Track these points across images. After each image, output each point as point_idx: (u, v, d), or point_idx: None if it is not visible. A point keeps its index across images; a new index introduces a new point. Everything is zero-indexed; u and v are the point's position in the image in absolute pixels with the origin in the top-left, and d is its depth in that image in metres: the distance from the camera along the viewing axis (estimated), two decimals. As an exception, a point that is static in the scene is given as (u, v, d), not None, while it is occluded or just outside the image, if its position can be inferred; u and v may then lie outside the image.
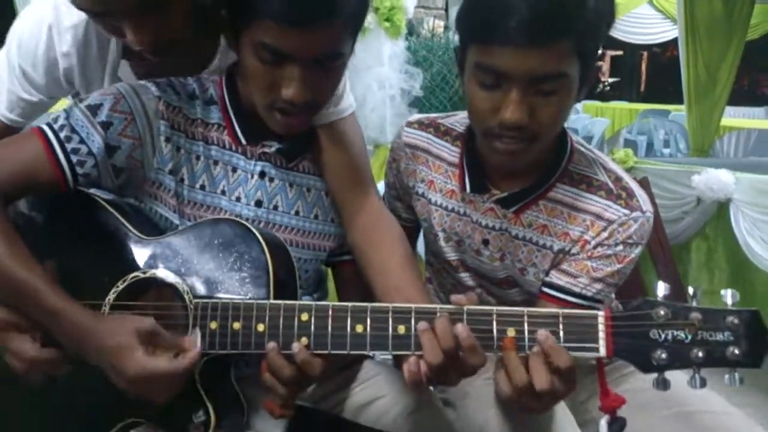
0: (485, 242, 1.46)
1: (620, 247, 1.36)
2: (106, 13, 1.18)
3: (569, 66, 1.21)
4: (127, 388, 1.11)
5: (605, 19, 1.24)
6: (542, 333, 1.06)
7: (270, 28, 1.16)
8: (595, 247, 1.37)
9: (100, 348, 1.10)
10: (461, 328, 1.06)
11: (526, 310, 1.08)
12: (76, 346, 1.13)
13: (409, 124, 1.56)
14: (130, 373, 1.08)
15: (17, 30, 1.40)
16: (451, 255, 1.53)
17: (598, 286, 1.37)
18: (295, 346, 1.12)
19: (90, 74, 1.41)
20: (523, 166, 1.38)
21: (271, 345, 1.12)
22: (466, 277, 1.54)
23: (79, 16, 1.35)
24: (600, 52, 1.44)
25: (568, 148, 1.42)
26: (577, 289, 1.37)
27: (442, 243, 1.52)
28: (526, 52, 1.17)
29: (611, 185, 1.39)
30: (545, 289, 1.41)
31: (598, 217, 1.38)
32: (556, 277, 1.40)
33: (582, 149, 1.45)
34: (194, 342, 1.13)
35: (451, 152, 1.50)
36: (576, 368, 1.07)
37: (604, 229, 1.37)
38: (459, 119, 1.53)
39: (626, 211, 1.36)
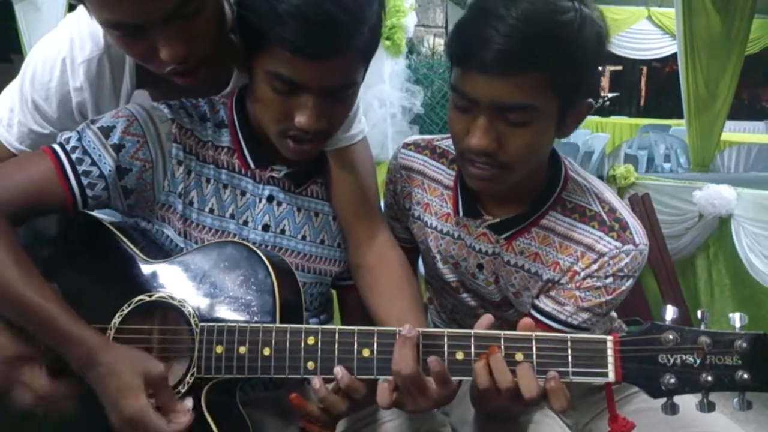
0: (479, 266, 1.46)
1: (610, 280, 1.34)
2: (140, 26, 1.17)
3: (538, 98, 1.19)
4: (117, 424, 1.10)
5: (586, 56, 1.21)
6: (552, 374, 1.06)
7: (284, 58, 1.16)
8: (584, 278, 1.36)
9: (105, 378, 1.10)
10: (433, 361, 1.07)
11: (534, 334, 1.08)
12: (82, 371, 1.12)
13: (406, 146, 1.56)
14: (128, 412, 1.08)
15: (31, 62, 1.40)
16: (450, 277, 1.53)
17: (585, 315, 1.36)
18: (338, 371, 1.11)
19: (103, 108, 1.40)
20: (513, 192, 1.37)
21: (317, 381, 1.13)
22: (467, 297, 1.54)
23: (92, 51, 1.35)
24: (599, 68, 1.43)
25: (562, 176, 1.41)
26: (562, 317, 1.36)
27: (440, 265, 1.52)
28: (493, 80, 1.18)
29: (604, 216, 1.37)
30: (533, 312, 1.41)
31: (589, 248, 1.36)
32: (543, 303, 1.39)
33: (577, 177, 1.43)
34: (187, 409, 1.12)
35: (446, 175, 1.49)
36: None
37: (595, 261, 1.35)
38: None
39: (618, 244, 1.34)
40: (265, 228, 1.38)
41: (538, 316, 1.39)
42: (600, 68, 1.27)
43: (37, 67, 1.39)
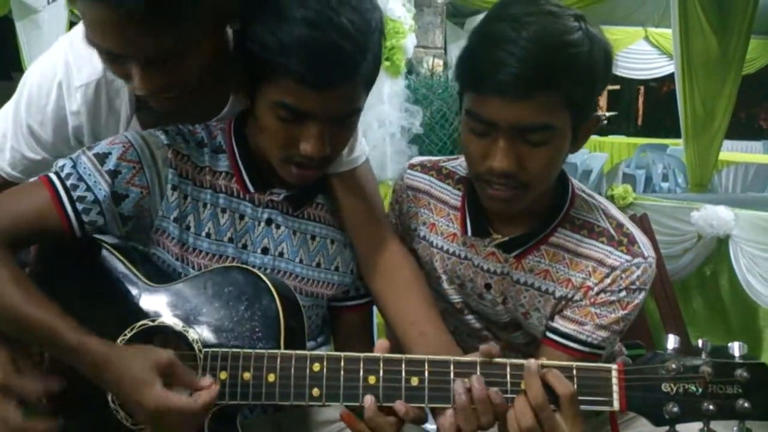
0: (487, 286, 1.46)
1: (623, 293, 1.36)
2: (118, 55, 1.17)
3: (556, 118, 1.23)
4: (145, 421, 1.13)
5: (597, 72, 1.25)
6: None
7: (289, 88, 1.18)
8: (598, 294, 1.37)
9: (119, 380, 1.11)
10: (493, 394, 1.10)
11: (540, 362, 1.10)
12: (96, 378, 1.14)
13: (412, 167, 1.56)
14: (150, 407, 1.09)
15: (26, 86, 1.40)
16: (455, 297, 1.52)
17: (604, 333, 1.37)
18: (398, 405, 1.12)
19: (100, 132, 1.39)
20: (522, 211, 1.38)
21: (369, 399, 1.12)
22: (471, 319, 1.54)
23: (89, 75, 1.35)
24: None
25: (569, 194, 1.43)
26: (582, 337, 1.37)
27: (445, 285, 1.52)
28: (512, 103, 1.19)
29: (612, 231, 1.39)
30: (550, 335, 1.40)
31: (600, 263, 1.37)
32: (561, 324, 1.39)
33: (583, 195, 1.45)
34: (209, 384, 1.13)
35: (453, 196, 1.50)
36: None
37: (607, 275, 1.36)
38: (461, 162, 1.53)
39: (628, 257, 1.36)
40: (264, 251, 1.38)
41: (557, 338, 1.39)
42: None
43: (33, 91, 1.39)
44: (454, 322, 1.60)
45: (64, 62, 1.37)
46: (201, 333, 1.19)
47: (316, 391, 1.12)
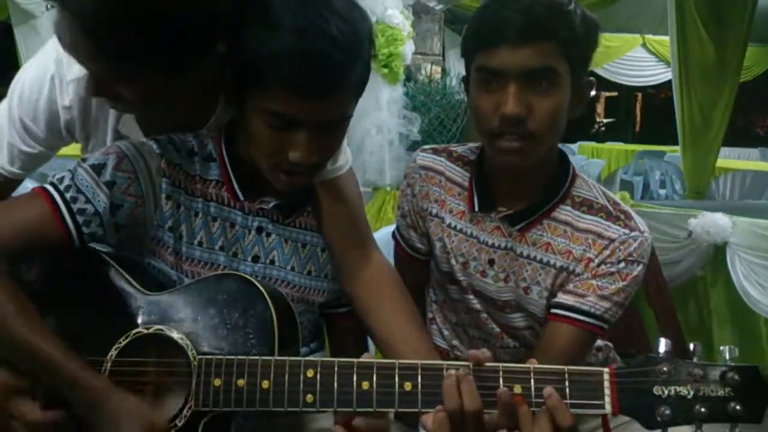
0: (490, 262, 1.51)
1: (622, 265, 1.43)
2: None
3: (558, 63, 1.35)
4: None
5: (589, 32, 1.40)
6: (548, 389, 1.08)
7: (281, 96, 1.18)
8: (598, 266, 1.44)
9: (109, 425, 1.10)
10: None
11: (532, 366, 1.11)
12: (86, 415, 1.12)
13: (424, 150, 1.65)
14: None
15: (19, 82, 1.41)
16: (461, 277, 1.56)
17: (605, 304, 1.41)
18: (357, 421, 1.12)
19: (90, 127, 1.41)
20: (526, 185, 1.47)
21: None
22: (473, 300, 1.56)
23: (80, 70, 1.35)
24: (594, 93, 1.56)
25: (570, 173, 1.51)
26: (585, 308, 1.41)
27: (453, 262, 1.56)
28: (517, 50, 1.32)
29: (610, 208, 1.48)
30: (554, 310, 1.45)
31: (599, 236, 1.45)
32: (564, 298, 1.44)
33: (583, 176, 1.54)
34: None
35: (462, 176, 1.57)
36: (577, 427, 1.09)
37: (606, 247, 1.44)
38: (469, 147, 1.61)
39: (626, 231, 1.44)
40: (255, 259, 1.39)
41: (562, 312, 1.43)
42: (595, 43, 1.43)
43: (25, 87, 1.41)
44: (456, 312, 1.64)
45: (56, 59, 1.38)
46: (195, 340, 1.18)
47: (309, 398, 1.12)
